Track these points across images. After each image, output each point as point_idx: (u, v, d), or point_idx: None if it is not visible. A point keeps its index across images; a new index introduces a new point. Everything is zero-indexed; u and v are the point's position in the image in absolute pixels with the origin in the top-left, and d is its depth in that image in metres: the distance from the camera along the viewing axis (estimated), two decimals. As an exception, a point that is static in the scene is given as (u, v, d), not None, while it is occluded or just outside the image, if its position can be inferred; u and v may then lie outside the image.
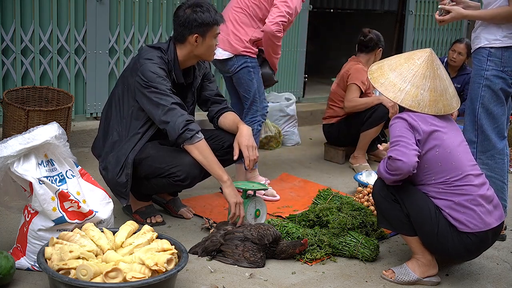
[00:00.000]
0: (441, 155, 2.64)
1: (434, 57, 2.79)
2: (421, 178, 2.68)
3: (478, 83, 3.17)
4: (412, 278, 2.72)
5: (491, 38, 3.12)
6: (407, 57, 2.83)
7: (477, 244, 2.64)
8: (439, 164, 2.63)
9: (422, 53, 2.81)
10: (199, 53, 3.14)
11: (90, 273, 2.21)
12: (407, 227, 2.70)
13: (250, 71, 3.81)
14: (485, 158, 3.17)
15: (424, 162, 2.64)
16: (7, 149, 2.48)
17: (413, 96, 2.72)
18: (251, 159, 3.10)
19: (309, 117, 6.12)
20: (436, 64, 2.78)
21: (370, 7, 9.38)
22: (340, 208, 3.18)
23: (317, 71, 7.94)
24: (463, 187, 2.62)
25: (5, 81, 4.47)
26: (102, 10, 4.77)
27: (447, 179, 2.63)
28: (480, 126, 3.16)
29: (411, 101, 2.71)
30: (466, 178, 2.63)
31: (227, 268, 2.77)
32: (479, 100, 3.16)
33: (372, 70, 2.87)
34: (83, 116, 4.88)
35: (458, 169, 2.63)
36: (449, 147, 2.65)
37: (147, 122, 3.09)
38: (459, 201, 2.61)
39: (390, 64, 2.84)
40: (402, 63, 2.80)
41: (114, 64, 4.94)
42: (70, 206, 2.58)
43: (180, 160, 3.00)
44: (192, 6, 3.08)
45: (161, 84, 2.98)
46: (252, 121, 3.85)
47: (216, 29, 3.12)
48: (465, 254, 2.71)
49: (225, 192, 3.01)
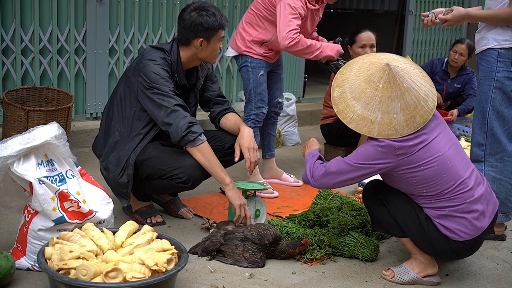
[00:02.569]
0: (430, 172, 2.52)
1: (395, 71, 2.54)
2: (411, 192, 2.63)
3: (488, 85, 3.10)
4: (412, 277, 2.72)
5: (500, 38, 3.06)
6: (367, 80, 2.56)
7: (466, 249, 2.66)
8: (428, 179, 2.54)
9: (380, 72, 2.54)
10: (203, 56, 3.14)
11: (90, 273, 2.21)
12: (399, 229, 2.70)
13: (248, 70, 3.81)
14: (494, 161, 3.13)
15: (412, 178, 2.55)
16: (7, 149, 2.48)
17: (387, 124, 2.51)
18: (252, 161, 3.09)
19: (309, 117, 6.12)
20: (399, 78, 2.53)
21: (370, 7, 9.38)
22: (340, 208, 3.18)
23: (317, 71, 7.91)
24: (457, 195, 2.55)
25: (5, 81, 4.47)
26: (102, 10, 4.78)
27: (439, 193, 2.56)
28: (490, 129, 3.11)
29: (387, 130, 2.51)
30: (461, 186, 2.55)
31: (227, 268, 2.77)
32: (490, 102, 3.10)
33: (335, 99, 2.62)
34: (83, 116, 4.88)
35: (451, 180, 2.54)
36: (438, 160, 2.52)
37: (149, 123, 3.09)
38: (449, 211, 2.56)
39: (351, 90, 2.59)
40: (364, 89, 2.55)
41: (114, 64, 4.94)
42: (70, 206, 2.58)
43: (182, 162, 3.00)
44: (197, 9, 3.06)
45: (164, 86, 2.98)
46: (247, 119, 3.86)
47: (221, 33, 3.11)
48: (453, 257, 2.74)
49: (228, 195, 3.01)
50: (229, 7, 5.61)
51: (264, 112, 3.88)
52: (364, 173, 2.59)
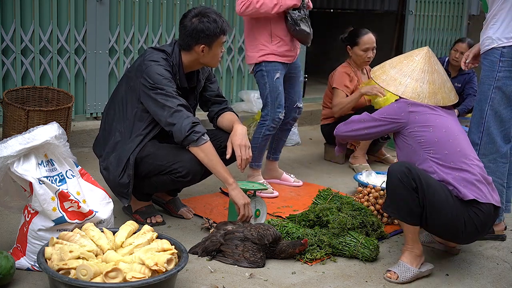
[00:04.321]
0: (438, 134, 2.80)
1: (432, 54, 3.00)
2: (419, 153, 2.80)
3: (488, 84, 3.09)
4: (414, 273, 2.74)
5: (503, 37, 3.03)
6: (407, 55, 3.07)
7: (485, 220, 2.71)
8: (435, 140, 2.79)
9: (420, 51, 3.04)
10: (204, 61, 3.15)
11: (90, 273, 2.21)
12: (415, 216, 2.70)
13: (263, 74, 3.73)
14: (487, 161, 3.11)
15: (421, 137, 2.81)
16: (7, 149, 2.48)
17: (413, 88, 2.92)
18: (243, 158, 3.07)
19: (309, 117, 6.12)
20: (433, 60, 2.99)
21: (370, 7, 9.38)
22: (340, 208, 3.18)
23: (317, 71, 7.95)
24: (463, 163, 2.74)
25: (5, 81, 4.48)
26: (102, 10, 4.78)
27: (445, 154, 2.75)
28: (487, 128, 3.10)
29: (411, 93, 2.91)
30: (467, 158, 2.76)
31: (227, 268, 2.77)
32: (489, 102, 3.09)
33: (375, 69, 3.09)
34: (83, 116, 4.88)
35: (456, 146, 2.78)
36: (447, 128, 2.82)
37: (151, 123, 3.09)
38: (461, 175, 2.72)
39: (391, 62, 3.07)
40: (402, 61, 3.03)
41: (114, 64, 4.94)
42: (70, 206, 2.58)
43: (181, 156, 3.01)
44: (198, 16, 3.06)
45: (167, 86, 2.98)
46: (262, 124, 3.78)
47: (223, 38, 3.11)
48: (475, 232, 2.75)
49: (231, 194, 3.01)
50: (229, 7, 5.61)
51: (281, 118, 3.76)
52: (379, 124, 2.95)
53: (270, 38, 3.71)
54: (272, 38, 3.71)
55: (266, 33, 3.71)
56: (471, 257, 3.07)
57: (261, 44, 3.72)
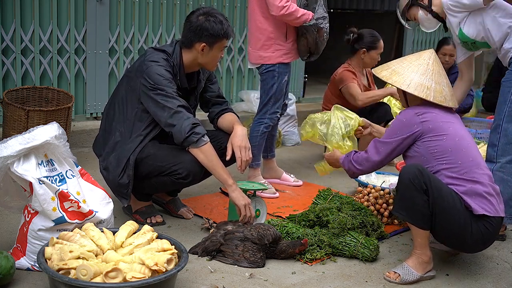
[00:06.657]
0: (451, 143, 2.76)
1: (436, 56, 2.98)
2: (432, 164, 2.77)
3: (508, 87, 3.19)
4: (416, 277, 2.73)
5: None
6: (417, 57, 2.98)
7: (493, 232, 2.73)
8: (448, 150, 2.76)
9: (427, 53, 2.99)
10: (203, 61, 3.14)
11: (90, 273, 2.21)
12: (425, 220, 2.69)
13: (274, 76, 3.79)
14: (505, 162, 3.17)
15: (434, 147, 2.77)
16: (7, 149, 2.48)
17: (439, 92, 2.88)
18: (243, 159, 3.07)
19: (309, 117, 6.10)
20: (440, 63, 2.98)
21: (370, 7, 9.38)
22: (340, 208, 3.18)
23: (317, 71, 7.94)
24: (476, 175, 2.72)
25: (5, 81, 4.48)
26: (102, 10, 4.78)
27: (459, 165, 2.73)
28: (504, 130, 3.17)
29: (440, 97, 2.87)
30: (479, 167, 2.75)
31: (227, 268, 2.77)
32: (508, 104, 3.17)
33: (386, 76, 2.95)
34: (83, 116, 4.89)
35: (469, 156, 2.76)
36: (459, 137, 2.79)
37: (151, 124, 3.09)
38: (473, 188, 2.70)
39: (402, 66, 2.96)
40: (417, 64, 2.93)
41: (114, 64, 4.94)
42: (70, 206, 2.58)
43: (181, 157, 3.01)
44: (206, 14, 3.07)
45: (167, 87, 2.98)
46: (259, 122, 3.84)
47: (225, 42, 3.11)
48: (481, 243, 2.76)
49: (231, 196, 3.01)
50: (229, 7, 5.61)
51: (279, 117, 3.93)
52: (396, 146, 2.87)
53: (285, 38, 3.78)
54: (288, 37, 3.79)
55: (282, 32, 3.76)
56: (471, 257, 3.07)
57: (277, 44, 3.77)
